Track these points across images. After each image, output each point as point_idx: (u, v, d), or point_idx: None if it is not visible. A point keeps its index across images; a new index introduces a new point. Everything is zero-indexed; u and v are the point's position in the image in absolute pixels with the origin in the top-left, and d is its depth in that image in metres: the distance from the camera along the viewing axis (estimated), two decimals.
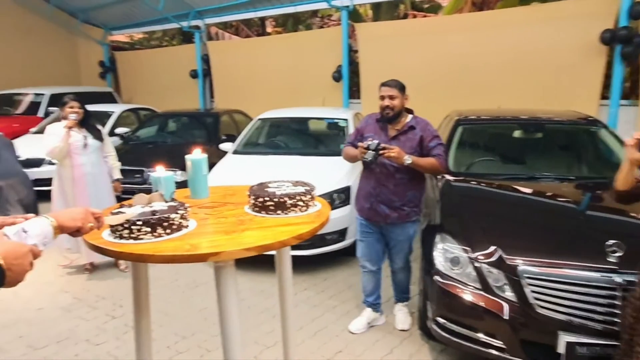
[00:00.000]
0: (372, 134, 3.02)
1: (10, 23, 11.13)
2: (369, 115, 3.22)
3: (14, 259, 0.95)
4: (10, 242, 0.99)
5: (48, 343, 3.13)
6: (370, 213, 3.06)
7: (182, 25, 10.70)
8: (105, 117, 8.07)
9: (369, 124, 3.09)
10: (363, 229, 3.19)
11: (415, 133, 2.95)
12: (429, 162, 2.88)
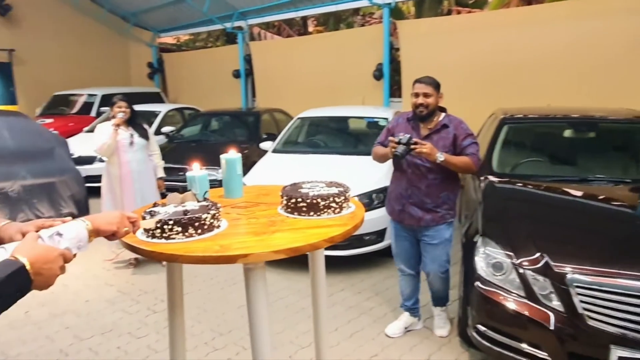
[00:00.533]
0: (402, 133, 2.92)
1: (68, 28, 11.75)
2: (399, 114, 3.11)
3: (43, 264, 0.95)
4: (41, 246, 0.99)
5: (93, 334, 3.25)
6: (402, 215, 2.96)
7: (226, 26, 10.91)
8: (152, 117, 8.35)
9: (400, 124, 2.98)
10: (396, 232, 3.10)
11: (448, 132, 2.83)
12: (462, 161, 2.77)
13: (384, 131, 3.11)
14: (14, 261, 0.90)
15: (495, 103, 5.34)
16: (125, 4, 11.90)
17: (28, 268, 0.91)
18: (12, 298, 0.88)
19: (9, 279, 0.86)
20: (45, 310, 3.59)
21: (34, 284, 0.93)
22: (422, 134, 2.86)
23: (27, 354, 3.00)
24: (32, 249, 0.96)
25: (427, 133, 2.86)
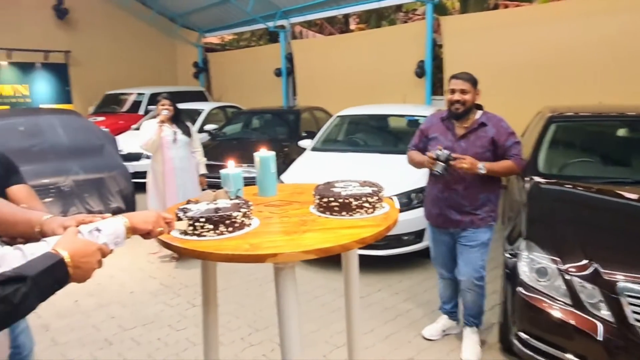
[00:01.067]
0: (437, 134, 2.77)
1: (120, 30, 12.27)
2: (432, 114, 2.96)
3: (81, 257, 0.98)
4: (80, 241, 1.03)
5: (136, 325, 3.37)
6: (440, 219, 2.83)
7: (268, 25, 11.04)
8: (196, 115, 8.58)
9: (434, 124, 2.83)
10: (434, 235, 2.99)
11: (486, 131, 2.66)
12: (505, 166, 2.62)
13: (417, 133, 2.96)
14: (54, 254, 0.93)
15: (542, 101, 5.11)
16: (173, 5, 12.28)
17: (67, 261, 0.94)
18: (50, 289, 0.91)
19: (47, 271, 0.89)
20: (93, 300, 3.76)
21: (72, 277, 0.96)
22: (458, 134, 2.71)
23: (75, 342, 3.15)
24: (72, 243, 0.99)
25: (463, 132, 2.70)
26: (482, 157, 2.61)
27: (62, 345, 3.10)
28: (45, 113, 6.41)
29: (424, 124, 2.93)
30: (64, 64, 11.56)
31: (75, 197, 5.05)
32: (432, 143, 2.76)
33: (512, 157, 2.63)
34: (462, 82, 2.66)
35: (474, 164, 2.53)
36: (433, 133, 2.79)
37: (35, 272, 0.87)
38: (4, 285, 0.81)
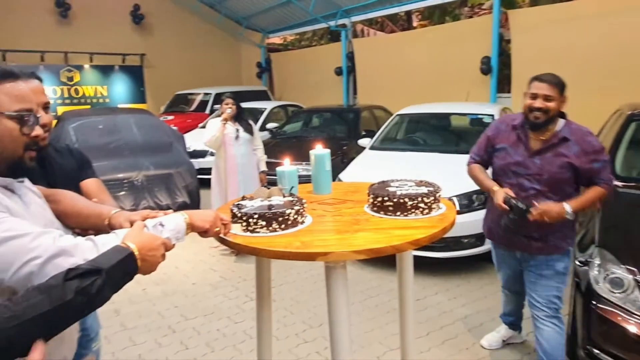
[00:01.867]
0: (506, 145, 2.32)
1: (190, 33, 12.87)
2: (501, 119, 2.47)
3: (148, 251, 1.03)
4: (146, 235, 1.08)
5: (197, 315, 3.52)
6: (504, 240, 2.43)
7: (330, 24, 11.09)
8: (258, 113, 8.81)
9: (503, 132, 2.37)
10: (498, 255, 2.65)
11: (568, 147, 2.18)
12: (594, 198, 2.20)
13: (481, 139, 2.50)
14: (125, 248, 0.98)
15: (621, 99, 4.72)
16: (239, 8, 12.69)
17: (136, 254, 0.99)
18: (122, 281, 0.96)
19: (119, 263, 0.94)
20: (159, 289, 3.98)
21: (139, 269, 1.01)
22: (532, 148, 2.25)
23: (142, 327, 3.34)
24: (139, 236, 1.04)
25: (539, 147, 2.24)
26: (561, 181, 2.20)
27: (130, 330, 3.30)
28: (122, 112, 6.88)
29: (490, 130, 2.47)
30: (139, 66, 12.32)
31: (146, 191, 5.37)
32: (500, 155, 2.36)
33: (602, 182, 2.19)
34: (547, 87, 2.18)
35: (560, 212, 2.11)
36: (501, 143, 2.36)
37: (109, 265, 0.92)
38: (83, 278, 0.86)
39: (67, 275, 0.86)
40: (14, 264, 0.90)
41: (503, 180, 2.34)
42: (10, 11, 10.35)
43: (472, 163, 2.51)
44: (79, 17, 11.35)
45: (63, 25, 11.23)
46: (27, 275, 0.90)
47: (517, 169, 2.29)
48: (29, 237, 0.93)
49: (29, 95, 1.06)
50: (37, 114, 1.07)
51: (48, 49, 10.81)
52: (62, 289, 0.83)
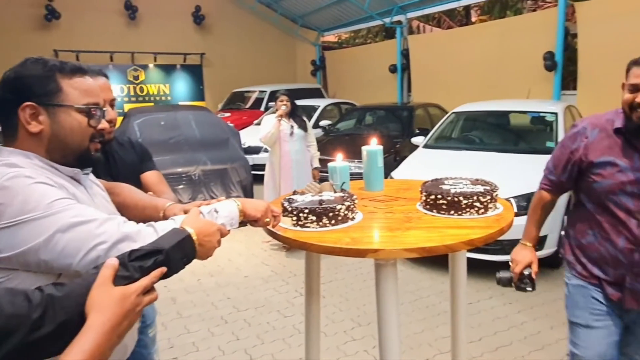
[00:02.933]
0: (613, 157, 1.63)
1: (247, 32, 13.20)
2: (589, 121, 1.73)
3: (205, 236, 1.04)
4: (202, 221, 1.09)
5: (248, 307, 3.61)
6: (615, 290, 1.67)
7: (385, 21, 10.96)
8: (312, 111, 8.89)
9: (598, 140, 1.67)
10: (590, 304, 1.73)
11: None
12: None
13: (558, 153, 1.80)
14: (183, 230, 1.00)
15: None
16: (295, 7, 12.84)
17: (194, 238, 1.01)
18: (181, 263, 0.98)
19: (178, 245, 0.96)
20: (213, 280, 4.11)
21: (197, 254, 1.04)
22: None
23: (196, 316, 3.47)
24: (196, 222, 1.06)
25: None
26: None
27: (185, 319, 3.44)
28: (182, 109, 7.19)
29: (572, 139, 1.73)
30: (199, 65, 12.79)
31: (203, 185, 5.58)
32: (605, 172, 1.64)
33: None
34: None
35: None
36: (603, 155, 1.65)
37: (169, 245, 0.94)
38: (145, 259, 0.90)
39: (130, 256, 0.89)
40: (82, 249, 0.94)
41: (609, 211, 1.65)
42: (84, 15, 11.09)
43: (544, 189, 1.87)
44: (145, 18, 11.96)
45: (131, 27, 11.88)
46: (94, 260, 0.95)
47: (636, 190, 1.60)
48: (95, 222, 0.97)
49: (96, 90, 1.11)
50: (103, 108, 1.12)
51: (117, 49, 11.48)
52: (127, 269, 0.86)
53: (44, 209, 0.93)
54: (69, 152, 1.07)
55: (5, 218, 0.92)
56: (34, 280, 0.97)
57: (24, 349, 0.76)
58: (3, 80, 1.04)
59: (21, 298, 0.78)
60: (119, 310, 0.81)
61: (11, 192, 0.93)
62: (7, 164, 0.98)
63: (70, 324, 0.79)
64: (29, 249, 0.93)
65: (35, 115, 1.03)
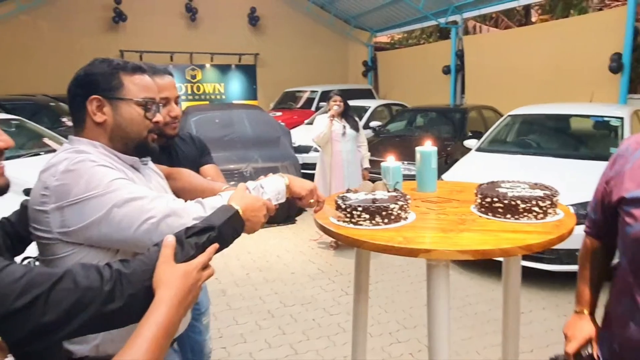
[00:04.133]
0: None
1: (300, 32, 13.38)
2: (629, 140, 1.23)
3: (251, 211, 1.10)
4: (249, 196, 1.15)
5: (295, 303, 3.67)
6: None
7: (440, 21, 10.75)
8: (362, 112, 8.86)
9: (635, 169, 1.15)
10: None
11: None
12: None
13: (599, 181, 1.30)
14: (231, 207, 1.07)
15: None
16: (348, 8, 12.87)
17: (241, 214, 1.07)
18: (231, 238, 1.04)
19: (228, 221, 1.03)
20: (261, 275, 4.21)
21: (244, 229, 1.09)
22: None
23: (245, 309, 3.58)
24: (243, 198, 1.12)
25: None
26: None
27: (235, 311, 3.55)
28: (236, 108, 7.40)
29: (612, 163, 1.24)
30: (253, 65, 13.11)
31: None
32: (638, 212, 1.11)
33: None
34: None
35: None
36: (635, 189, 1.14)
37: (220, 222, 1.00)
38: (199, 235, 0.96)
39: (187, 232, 0.96)
40: (135, 222, 1.03)
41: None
42: (148, 17, 11.66)
43: (587, 233, 1.39)
44: (204, 20, 12.40)
45: (190, 29, 12.36)
46: (146, 232, 1.04)
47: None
48: (147, 199, 1.06)
49: (153, 87, 1.23)
50: (158, 104, 1.23)
51: (176, 50, 11.98)
52: (183, 246, 0.93)
53: (104, 187, 1.04)
54: (128, 141, 1.18)
55: (72, 196, 1.03)
56: (95, 255, 1.07)
57: (97, 320, 0.83)
58: (75, 78, 1.17)
59: (94, 272, 0.85)
60: (183, 285, 0.88)
61: (77, 174, 1.04)
62: (77, 150, 1.11)
63: (137, 298, 0.86)
64: (92, 222, 1.03)
65: (101, 107, 1.15)
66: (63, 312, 0.79)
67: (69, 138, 1.19)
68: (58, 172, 1.05)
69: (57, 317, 0.79)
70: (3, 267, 0.78)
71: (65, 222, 1.04)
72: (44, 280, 0.80)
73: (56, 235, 1.06)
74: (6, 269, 0.78)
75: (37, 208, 1.06)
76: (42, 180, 1.07)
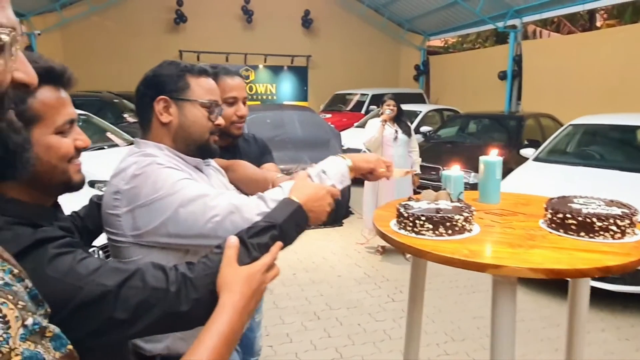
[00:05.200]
0: None
1: (353, 36, 13.40)
2: None
3: (314, 202, 1.06)
4: (311, 185, 1.11)
5: (340, 306, 3.66)
6: None
7: (498, 25, 10.42)
8: (413, 116, 8.73)
9: None
10: None
11: None
12: None
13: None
14: (292, 201, 1.03)
15: None
16: (403, 11, 12.74)
17: (303, 206, 1.03)
18: (294, 233, 1.01)
19: (290, 217, 1.00)
20: (308, 276, 4.24)
21: (309, 220, 1.06)
22: None
23: (291, 309, 3.61)
24: (304, 188, 1.09)
25: None
26: None
27: (281, 310, 3.59)
28: (287, 109, 7.49)
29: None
30: (304, 67, 13.26)
31: None
32: None
33: None
34: None
35: None
36: None
37: (282, 219, 0.98)
38: (262, 235, 0.94)
39: (248, 232, 0.94)
40: (199, 220, 1.04)
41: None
42: (206, 19, 12.07)
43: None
44: (259, 22, 12.67)
45: (246, 30, 12.67)
46: (212, 230, 1.04)
47: None
48: (209, 197, 1.06)
49: (217, 91, 1.24)
50: (221, 107, 1.24)
51: (232, 50, 12.31)
52: (246, 247, 0.91)
53: (169, 188, 1.05)
54: (191, 142, 1.19)
55: (141, 198, 1.05)
56: (166, 257, 1.08)
57: (163, 321, 0.83)
58: (144, 78, 1.20)
59: (161, 273, 0.86)
60: (247, 290, 0.86)
61: (145, 177, 1.07)
62: (144, 154, 1.13)
63: (202, 302, 0.85)
64: (161, 223, 1.05)
65: (167, 108, 1.17)
66: (132, 310, 0.80)
67: (135, 141, 1.21)
68: (128, 176, 1.08)
69: (125, 315, 0.80)
70: (81, 259, 0.81)
71: (137, 225, 1.07)
72: (116, 275, 0.81)
73: (129, 238, 1.08)
74: (83, 261, 0.80)
75: (110, 212, 1.09)
76: (113, 184, 1.10)
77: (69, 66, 0.90)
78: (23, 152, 0.59)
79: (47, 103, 0.85)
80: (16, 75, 0.55)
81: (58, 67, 0.88)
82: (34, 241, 0.78)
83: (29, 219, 0.82)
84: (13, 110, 0.57)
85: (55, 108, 0.86)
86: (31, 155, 0.62)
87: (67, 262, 0.79)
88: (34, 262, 0.75)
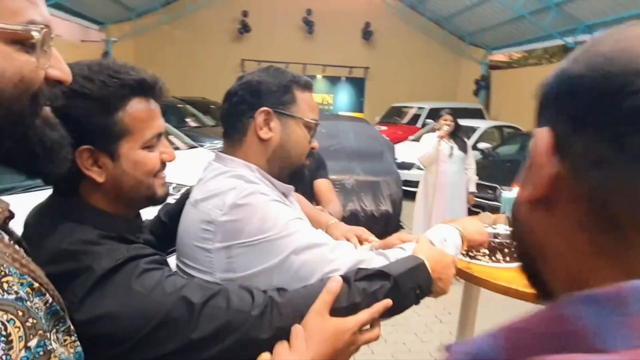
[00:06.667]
0: None
1: (412, 48, 13.30)
2: None
3: (442, 267, 0.93)
4: (437, 250, 0.97)
5: (386, 323, 3.52)
6: None
7: (567, 41, 9.94)
8: (471, 132, 8.49)
9: None
10: None
11: None
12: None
13: None
14: (415, 257, 0.91)
15: None
16: (465, 24, 12.48)
17: (428, 267, 0.91)
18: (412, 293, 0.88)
19: (410, 272, 0.87)
20: None
21: (433, 287, 0.93)
22: None
23: None
24: (430, 250, 0.96)
25: None
26: None
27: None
28: (343, 119, 7.54)
29: None
30: (362, 79, 13.31)
31: (354, 194, 5.75)
32: None
33: None
34: None
35: None
36: None
37: (398, 272, 0.86)
38: (371, 281, 0.83)
39: (357, 274, 0.84)
40: (316, 273, 0.88)
41: None
42: (269, 29, 12.46)
43: None
44: (320, 33, 12.89)
45: (306, 40, 12.93)
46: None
47: None
48: (328, 247, 0.92)
49: (317, 108, 1.11)
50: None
51: (292, 60, 12.57)
52: (351, 288, 0.81)
53: (281, 229, 0.88)
54: (287, 165, 1.03)
55: (244, 236, 0.88)
56: None
57: (242, 347, 0.76)
58: (245, 82, 1.01)
59: (247, 294, 0.79)
60: (328, 349, 0.76)
61: (251, 210, 0.89)
62: (236, 175, 0.95)
63: (286, 333, 0.77)
64: (264, 269, 0.88)
65: (268, 122, 0.99)
66: (212, 331, 0.75)
67: (218, 155, 1.02)
68: (226, 206, 0.89)
69: (206, 335, 0.75)
70: (168, 276, 0.78)
71: (232, 266, 0.89)
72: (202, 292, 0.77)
73: (217, 279, 0.89)
74: (170, 278, 0.78)
75: (196, 244, 0.91)
76: (203, 211, 0.91)
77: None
78: (60, 149, 0.58)
79: (137, 117, 0.82)
80: (50, 72, 0.54)
81: (150, 78, 0.84)
82: (128, 258, 0.76)
83: (119, 233, 0.81)
84: (48, 107, 0.57)
85: (145, 122, 0.84)
86: (69, 151, 0.61)
87: (155, 278, 0.76)
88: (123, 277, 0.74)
